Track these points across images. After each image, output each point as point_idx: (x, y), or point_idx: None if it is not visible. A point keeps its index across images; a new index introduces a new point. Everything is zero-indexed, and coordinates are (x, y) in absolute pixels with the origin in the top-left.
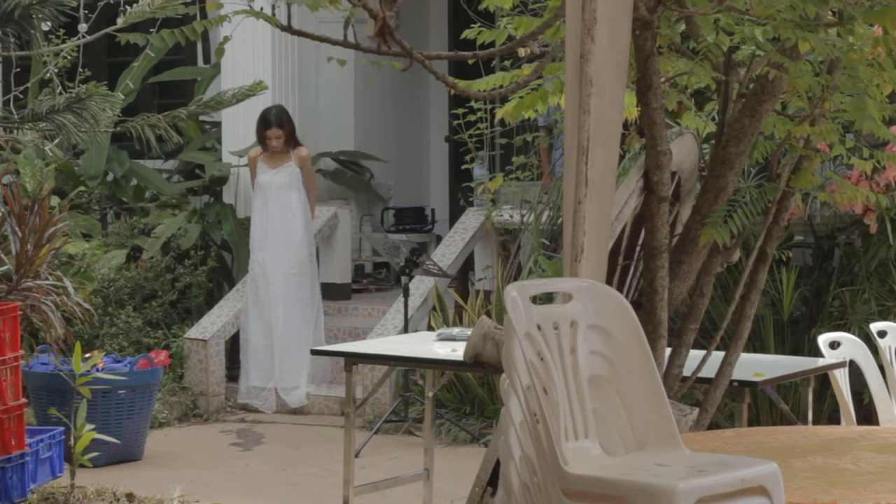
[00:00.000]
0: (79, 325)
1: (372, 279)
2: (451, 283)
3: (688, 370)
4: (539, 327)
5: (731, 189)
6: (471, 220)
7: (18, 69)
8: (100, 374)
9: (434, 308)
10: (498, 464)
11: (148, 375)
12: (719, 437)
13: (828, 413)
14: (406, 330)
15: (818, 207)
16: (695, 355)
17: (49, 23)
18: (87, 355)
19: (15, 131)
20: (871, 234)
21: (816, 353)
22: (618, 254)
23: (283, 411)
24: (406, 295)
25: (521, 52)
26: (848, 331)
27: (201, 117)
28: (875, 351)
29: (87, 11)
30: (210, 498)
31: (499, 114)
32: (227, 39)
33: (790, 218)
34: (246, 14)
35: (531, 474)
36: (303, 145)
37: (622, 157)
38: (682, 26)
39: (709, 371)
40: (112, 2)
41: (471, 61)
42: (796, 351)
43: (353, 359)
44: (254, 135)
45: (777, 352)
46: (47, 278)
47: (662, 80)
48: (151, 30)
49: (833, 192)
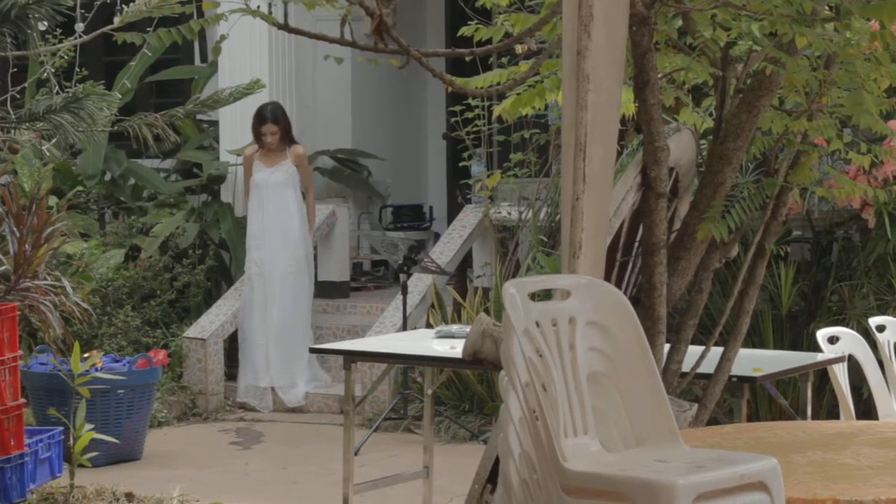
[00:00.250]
0: (77, 325)
1: (370, 277)
2: (449, 281)
3: (686, 366)
4: (538, 324)
5: (729, 184)
6: (469, 217)
7: (15, 69)
8: (98, 374)
9: (432, 305)
10: (497, 461)
11: (147, 375)
12: (718, 432)
13: (827, 408)
14: (405, 327)
15: (816, 202)
16: (693, 351)
17: (46, 22)
18: (85, 355)
19: (12, 131)
20: (869, 228)
21: (815, 348)
22: (616, 250)
23: (281, 410)
24: (404, 292)
25: (519, 48)
26: (847, 326)
27: (199, 116)
28: (874, 345)
29: (83, 11)
30: (210, 497)
31: (496, 111)
32: (223, 38)
33: (788, 213)
34: (242, 13)
35: (530, 471)
36: (299, 143)
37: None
38: (679, 22)
39: (708, 367)
40: (109, 1)
41: (468, 58)
42: (795, 346)
43: (351, 357)
44: (251, 133)
45: (776, 347)
46: (45, 278)
47: (659, 75)
48: (148, 29)
49: (831, 187)
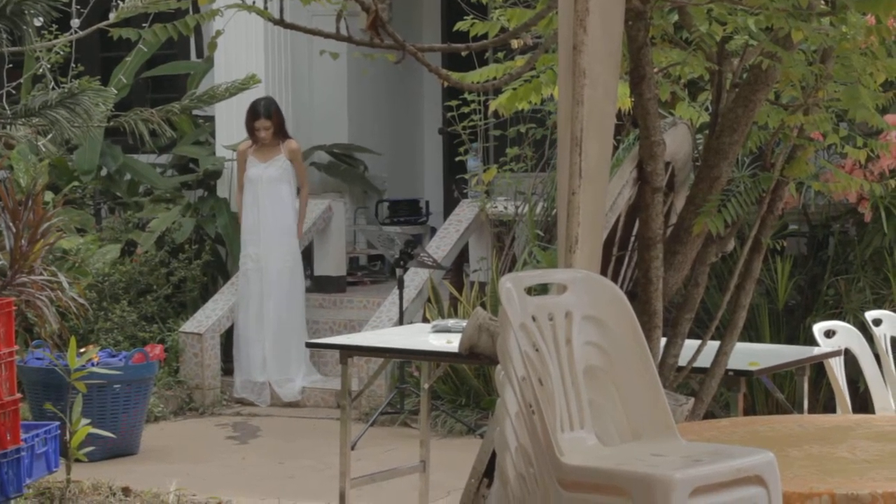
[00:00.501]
0: (73, 320)
1: (367, 272)
2: (445, 275)
3: (683, 360)
4: (534, 318)
5: (725, 179)
6: (465, 211)
7: (11, 65)
8: (95, 369)
9: (429, 300)
10: (494, 455)
11: (143, 370)
12: (715, 426)
13: (823, 402)
14: (401, 322)
15: (812, 196)
16: (690, 345)
17: (41, 18)
18: (82, 350)
19: (8, 127)
20: (865, 222)
21: (812, 341)
22: (612, 244)
23: (278, 404)
24: (401, 287)
25: (514, 43)
26: (843, 319)
27: (195, 111)
28: (870, 339)
29: (79, 6)
30: (206, 491)
31: (492, 105)
32: (219, 34)
33: (784, 207)
34: (238, 8)
35: (527, 465)
36: (292, 138)
37: (616, 147)
38: (676, 17)
39: (704, 361)
40: None
41: (464, 53)
42: (792, 340)
43: (348, 351)
44: (245, 129)
45: (772, 341)
46: (42, 273)
47: (656, 70)
48: (144, 24)
49: (827, 181)
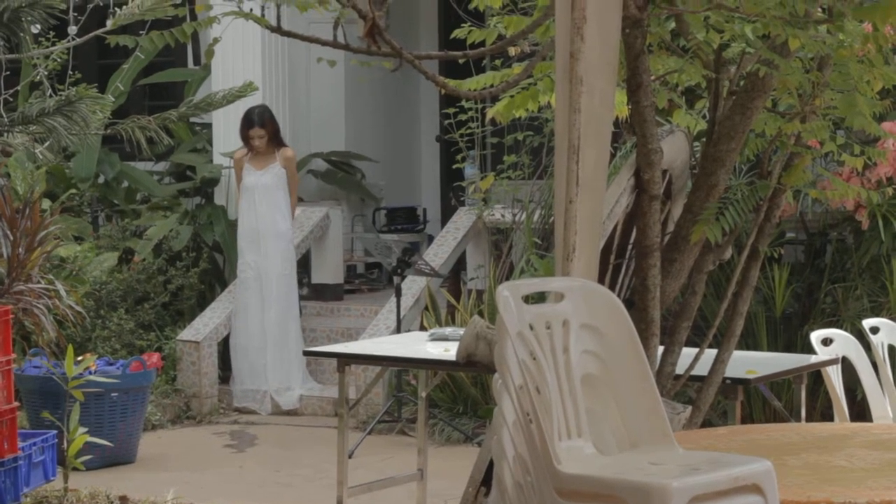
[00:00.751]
0: (71, 328)
1: (364, 279)
2: (443, 283)
3: (681, 368)
4: (531, 327)
5: (723, 187)
6: (462, 219)
7: (8, 72)
8: (92, 377)
9: (426, 308)
10: (492, 464)
11: (140, 378)
12: (712, 435)
13: (821, 410)
14: (398, 330)
15: (810, 204)
16: (688, 353)
17: (38, 25)
18: (79, 358)
19: (5, 134)
20: (862, 230)
21: (809, 349)
22: (609, 252)
23: (276, 413)
24: (398, 295)
25: (512, 51)
26: (840, 327)
27: (192, 119)
28: (868, 347)
29: (76, 14)
30: (204, 500)
31: (490, 113)
32: (216, 41)
33: (782, 215)
34: (235, 16)
35: (525, 474)
36: (288, 146)
37: (613, 155)
38: (673, 24)
39: (702, 369)
40: (101, 4)
41: (461, 61)
42: (789, 348)
43: (345, 359)
44: (240, 137)
45: (770, 349)
46: (39, 281)
47: (653, 78)
48: (141, 32)
49: (824, 189)
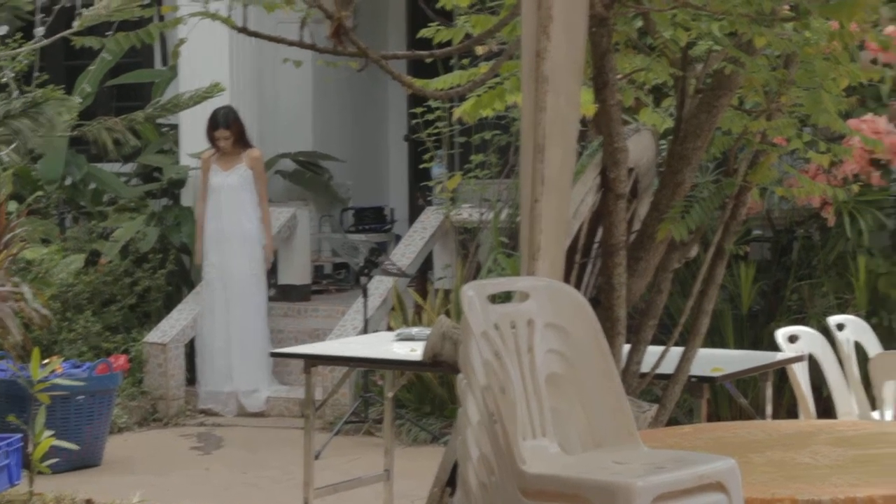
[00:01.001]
0: (37, 331)
1: (331, 280)
2: (410, 283)
3: (647, 366)
4: (496, 326)
5: (689, 185)
6: (430, 219)
7: None
8: (58, 380)
9: (393, 308)
10: (457, 464)
11: (107, 380)
12: (678, 433)
13: (787, 407)
14: (365, 330)
15: (776, 202)
16: (654, 351)
17: (5, 27)
18: (45, 361)
19: None
20: (829, 227)
21: (776, 347)
22: (575, 251)
23: (242, 414)
24: (365, 295)
25: (479, 50)
26: (807, 324)
27: (159, 120)
28: (834, 344)
29: (43, 15)
30: (170, 502)
31: (457, 113)
32: (181, 42)
33: (748, 212)
34: (201, 16)
35: (489, 474)
36: (254, 146)
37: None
38: (640, 23)
39: (668, 367)
40: (68, 5)
41: (428, 60)
42: (756, 345)
43: (311, 361)
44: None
45: (736, 346)
46: (5, 284)
47: (619, 76)
48: (108, 33)
49: (791, 187)
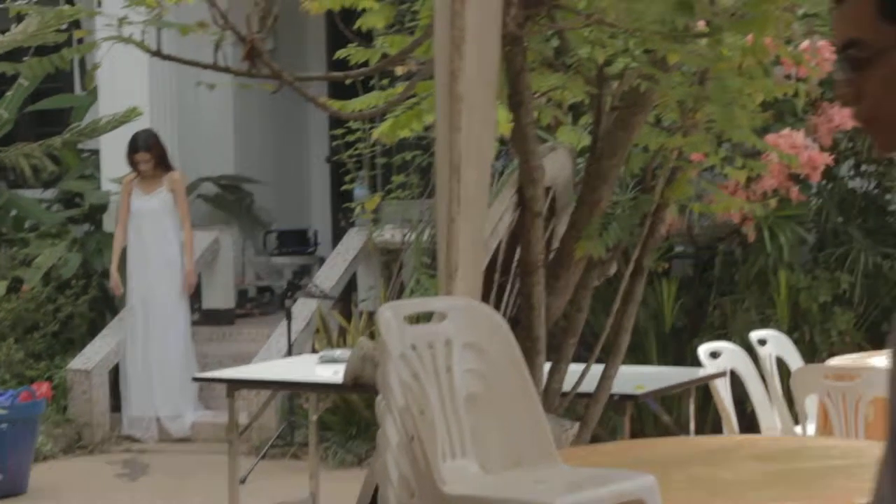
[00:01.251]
0: None
1: (256, 303)
2: (334, 305)
3: (569, 385)
4: (414, 347)
5: (606, 202)
6: (353, 241)
7: None
8: None
9: (318, 330)
10: (378, 486)
11: (30, 408)
12: (600, 450)
13: (712, 423)
14: (290, 353)
15: (697, 218)
16: (576, 370)
17: None
18: None
19: None
20: (750, 243)
21: (699, 363)
22: (494, 270)
23: (168, 440)
24: (289, 318)
25: (399, 70)
26: (730, 340)
27: (80, 145)
28: (756, 359)
29: None
30: None
31: (375, 134)
32: (95, 67)
33: (670, 229)
34: (115, 41)
35: (409, 496)
36: (176, 170)
37: (501, 172)
38: (556, 42)
39: (590, 385)
40: None
41: (347, 82)
42: (679, 362)
43: (234, 385)
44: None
45: (660, 363)
46: None
47: (537, 95)
48: (25, 58)
49: (709, 203)
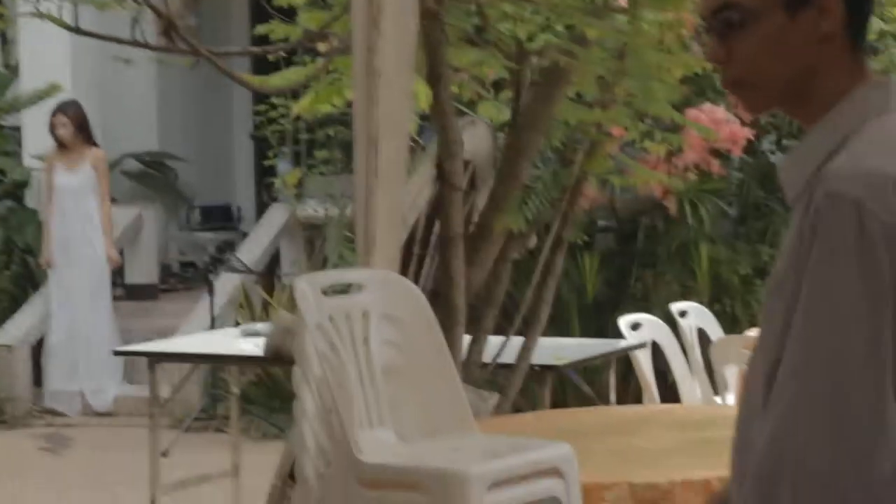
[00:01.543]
0: None
1: (179, 278)
2: (258, 280)
3: (490, 356)
4: (331, 318)
5: (526, 176)
6: (276, 215)
7: None
8: None
9: (241, 305)
10: None
11: None
12: (519, 421)
13: (634, 395)
14: (213, 327)
15: (619, 192)
16: (497, 341)
17: None
18: None
19: None
20: (671, 216)
21: (621, 335)
22: (413, 243)
23: (91, 414)
24: (211, 293)
25: (322, 46)
26: (652, 312)
27: (1, 121)
28: (678, 331)
29: None
30: None
31: (295, 109)
32: (7, 42)
33: (592, 203)
34: (31, 16)
35: (326, 465)
36: (98, 146)
37: (423, 147)
38: (477, 18)
39: (511, 357)
40: None
41: (271, 57)
42: (601, 334)
43: (156, 358)
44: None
45: (582, 335)
46: None
47: (457, 70)
48: None
49: (630, 176)
